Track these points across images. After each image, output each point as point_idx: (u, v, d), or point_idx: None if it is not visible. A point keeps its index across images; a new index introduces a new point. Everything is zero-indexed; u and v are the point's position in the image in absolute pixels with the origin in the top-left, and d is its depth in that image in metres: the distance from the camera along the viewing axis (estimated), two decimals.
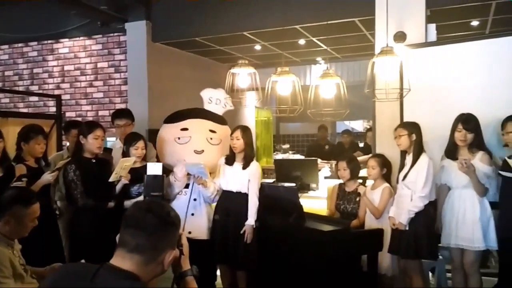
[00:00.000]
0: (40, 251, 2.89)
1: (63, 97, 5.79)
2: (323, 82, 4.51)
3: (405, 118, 3.99)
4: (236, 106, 4.43)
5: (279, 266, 3.61)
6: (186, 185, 3.84)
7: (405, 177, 3.52)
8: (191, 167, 3.75)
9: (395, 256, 3.62)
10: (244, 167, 3.75)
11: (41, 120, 4.49)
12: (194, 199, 3.83)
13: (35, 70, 6.52)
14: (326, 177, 5.09)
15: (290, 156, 7.92)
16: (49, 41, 6.39)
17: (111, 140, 4.68)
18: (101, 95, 6.07)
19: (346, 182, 3.95)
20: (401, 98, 3.90)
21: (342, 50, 6.72)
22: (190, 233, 3.59)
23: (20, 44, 6.61)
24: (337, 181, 4.15)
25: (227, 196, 3.80)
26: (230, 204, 3.77)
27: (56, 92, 6.05)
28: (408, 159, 3.56)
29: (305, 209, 3.65)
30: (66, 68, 6.31)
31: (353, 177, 3.93)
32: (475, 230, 3.29)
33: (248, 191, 3.71)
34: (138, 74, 5.74)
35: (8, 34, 6.42)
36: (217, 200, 3.86)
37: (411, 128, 3.54)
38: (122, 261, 1.39)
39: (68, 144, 4.30)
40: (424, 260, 3.55)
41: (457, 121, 3.40)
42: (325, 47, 6.41)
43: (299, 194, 3.99)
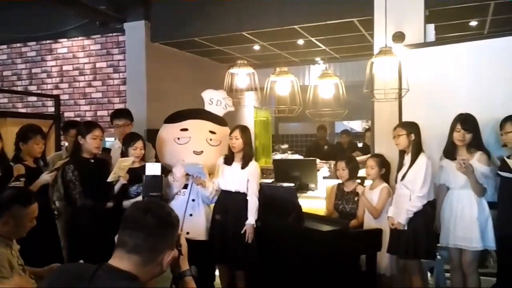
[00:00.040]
0: (39, 252, 2.87)
1: (62, 97, 5.77)
2: (322, 82, 4.50)
3: (404, 118, 3.99)
4: (235, 106, 4.43)
5: (278, 266, 3.61)
6: (185, 186, 3.85)
7: (404, 177, 3.52)
8: (190, 167, 3.75)
9: (394, 256, 3.63)
10: (243, 167, 3.75)
11: (40, 120, 4.48)
12: (193, 200, 3.83)
13: (34, 70, 6.51)
14: (325, 177, 5.10)
15: (289, 156, 7.92)
16: (48, 41, 6.37)
17: (110, 140, 4.69)
18: (100, 95, 6.06)
19: (345, 182, 3.95)
20: (400, 98, 3.90)
21: (341, 50, 6.71)
22: (188, 234, 3.57)
23: (19, 44, 6.59)
24: (336, 181, 4.15)
25: (226, 196, 3.80)
26: (229, 204, 3.77)
27: (55, 92, 6.04)
28: (407, 159, 3.56)
29: (304, 209, 3.65)
30: (65, 68, 6.29)
31: (352, 177, 3.93)
32: (473, 230, 3.29)
33: (247, 191, 3.71)
34: (137, 74, 5.72)
35: (7, 34, 6.41)
36: (216, 200, 3.86)
37: (410, 128, 3.54)
38: (121, 262, 1.38)
39: (67, 144, 4.30)
40: (423, 260, 3.55)
41: (456, 121, 3.40)
42: (324, 47, 6.39)
43: (298, 194, 4.00)
